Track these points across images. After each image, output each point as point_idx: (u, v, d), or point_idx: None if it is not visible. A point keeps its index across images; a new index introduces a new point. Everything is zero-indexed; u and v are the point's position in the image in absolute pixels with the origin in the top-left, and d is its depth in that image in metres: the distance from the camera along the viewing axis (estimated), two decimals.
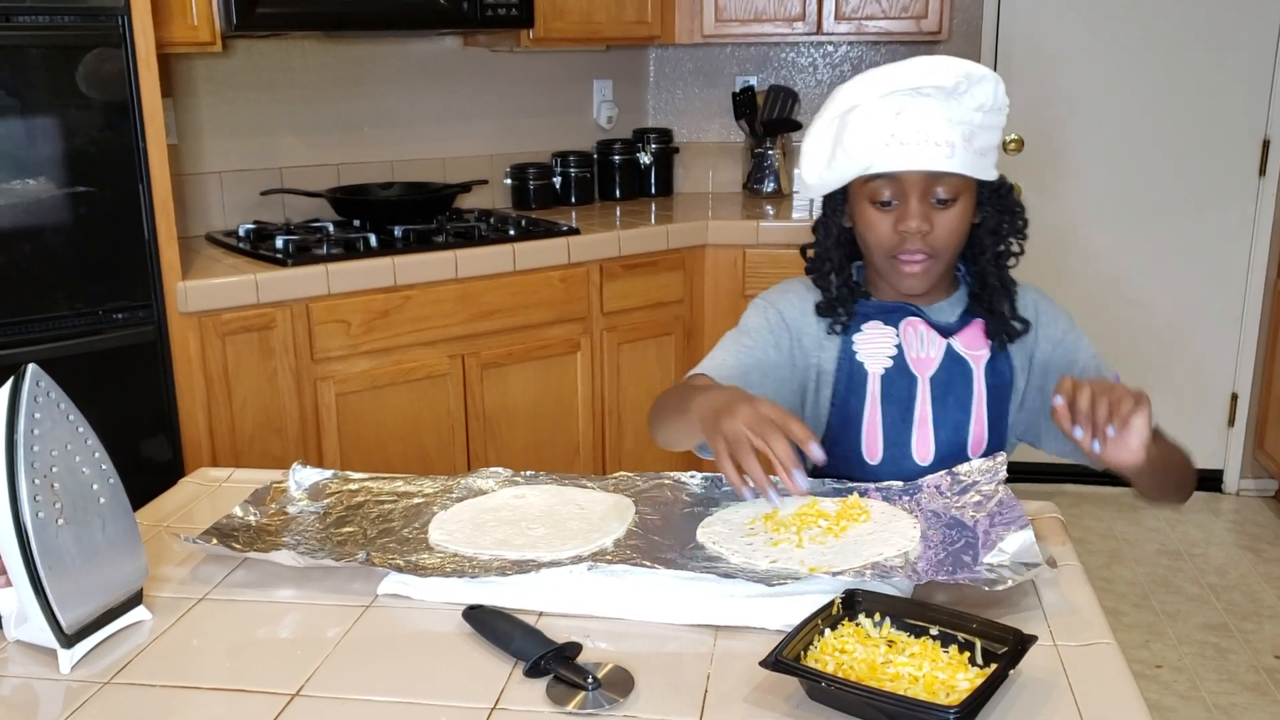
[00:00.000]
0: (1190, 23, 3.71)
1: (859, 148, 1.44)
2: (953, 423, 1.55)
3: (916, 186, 1.46)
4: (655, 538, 1.32)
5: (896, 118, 1.42)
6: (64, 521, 1.10)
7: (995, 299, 1.55)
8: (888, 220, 1.48)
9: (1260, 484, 3.98)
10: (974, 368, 1.56)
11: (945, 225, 1.48)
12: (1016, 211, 1.55)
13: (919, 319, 1.56)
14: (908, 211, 1.46)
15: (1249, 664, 2.88)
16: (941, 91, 1.41)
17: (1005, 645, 1.04)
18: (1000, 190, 1.54)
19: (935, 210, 1.47)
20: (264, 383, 2.63)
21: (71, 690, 1.08)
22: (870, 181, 1.48)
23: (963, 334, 1.57)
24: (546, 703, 1.03)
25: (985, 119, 1.44)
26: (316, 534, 1.37)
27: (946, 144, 1.42)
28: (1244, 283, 3.87)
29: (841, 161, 1.47)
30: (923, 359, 1.55)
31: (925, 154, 1.42)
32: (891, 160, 1.44)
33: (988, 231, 1.54)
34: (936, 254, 1.49)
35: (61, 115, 2.31)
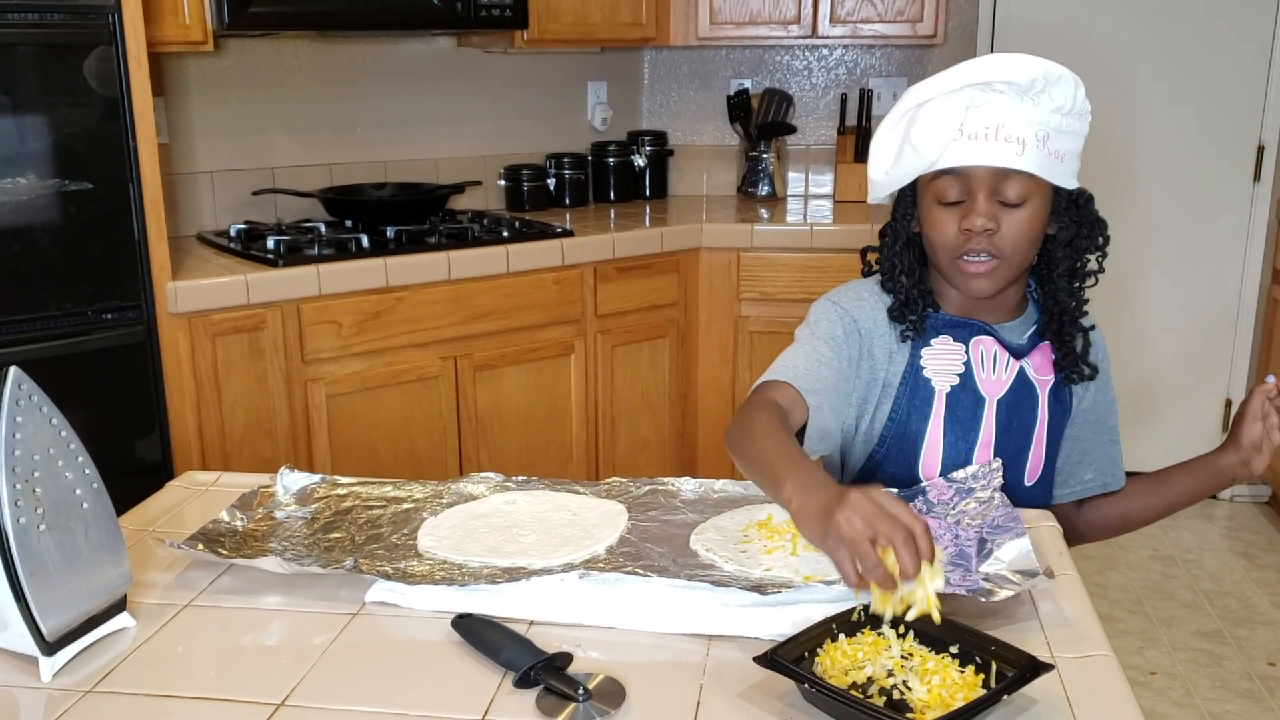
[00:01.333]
0: (1184, 29, 3.71)
1: (926, 143, 1.39)
2: (1014, 448, 1.51)
3: (984, 184, 1.40)
4: (648, 545, 1.31)
5: (966, 112, 1.37)
6: (46, 527, 1.08)
7: (1067, 325, 1.49)
8: (953, 218, 1.42)
9: (1254, 490, 3.97)
10: (1040, 394, 1.51)
11: (1013, 227, 1.41)
12: (1097, 226, 1.50)
13: (990, 337, 1.51)
14: (974, 209, 1.40)
15: (1243, 670, 2.88)
16: (1015, 89, 1.36)
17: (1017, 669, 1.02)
18: (1079, 201, 1.48)
19: (1003, 210, 1.41)
20: (254, 384, 2.61)
21: (53, 699, 1.06)
22: (937, 179, 1.42)
23: (1033, 356, 1.52)
24: (536, 714, 1.02)
25: (1063, 122, 1.39)
26: (304, 540, 1.35)
27: (1017, 141, 1.36)
28: (1238, 288, 3.86)
29: (909, 157, 1.42)
30: (992, 380, 1.50)
31: (993, 150, 1.37)
32: (958, 155, 1.38)
33: (1062, 244, 1.47)
34: (1003, 256, 1.43)
35: (51, 113, 2.29)
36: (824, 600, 1.17)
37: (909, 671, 1.05)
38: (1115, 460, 1.63)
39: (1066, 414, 1.55)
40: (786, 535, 1.31)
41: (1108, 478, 1.62)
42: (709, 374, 3.40)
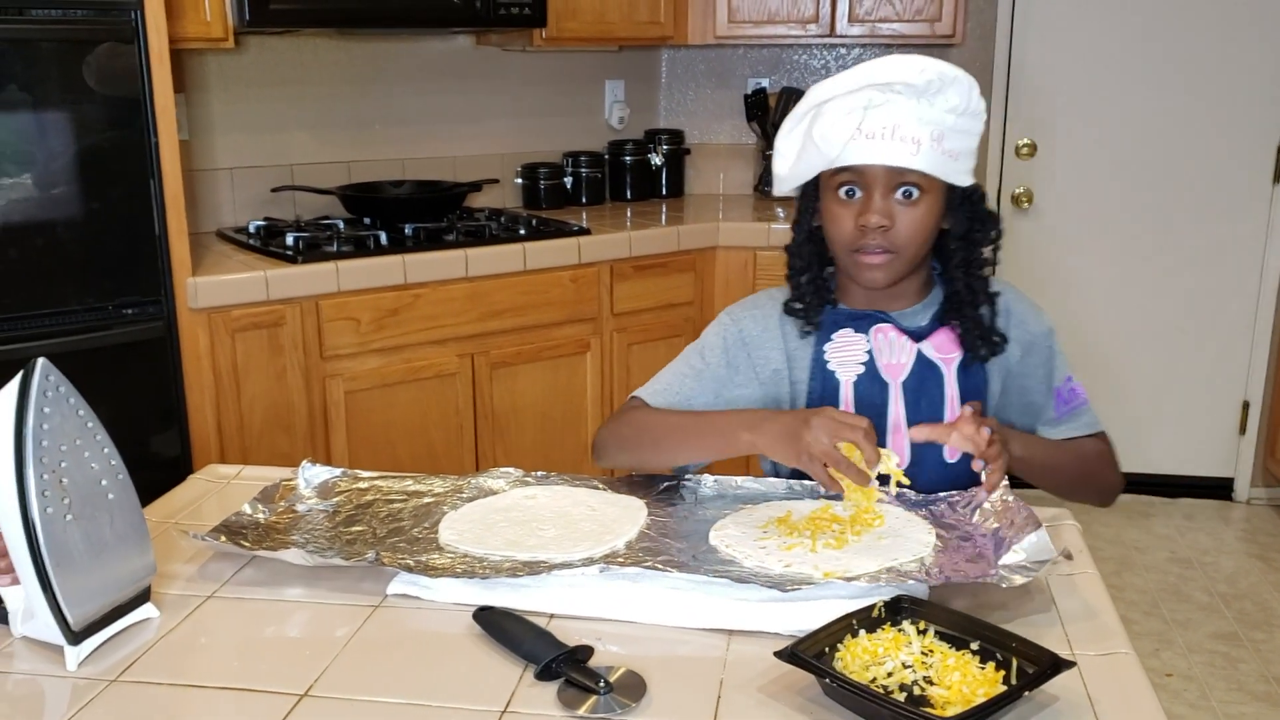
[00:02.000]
0: (1205, 30, 3.69)
1: (826, 140, 1.44)
2: None
3: (880, 181, 1.45)
4: (667, 540, 1.31)
5: (864, 112, 1.42)
6: (72, 517, 1.09)
7: (966, 307, 1.54)
8: (850, 214, 1.48)
9: (1271, 492, 3.96)
10: (945, 371, 1.55)
11: (908, 223, 1.47)
12: (988, 220, 1.54)
13: (889, 325, 1.55)
14: (870, 206, 1.46)
15: (1259, 673, 2.86)
16: (912, 90, 1.41)
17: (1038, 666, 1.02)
18: (972, 197, 1.52)
19: (898, 207, 1.46)
20: (273, 380, 2.62)
21: (78, 687, 1.07)
22: (836, 175, 1.48)
23: (933, 338, 1.56)
24: (558, 706, 1.02)
25: (958, 122, 1.44)
26: (325, 532, 1.36)
27: (913, 141, 1.42)
28: (1257, 290, 3.84)
29: (810, 155, 1.48)
30: (894, 365, 1.55)
31: (890, 149, 1.43)
32: (856, 153, 1.44)
33: (955, 237, 1.53)
34: (897, 250, 1.48)
35: (73, 110, 2.31)
36: (844, 596, 1.17)
37: (929, 667, 1.05)
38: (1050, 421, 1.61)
39: (982, 387, 1.56)
40: (806, 532, 1.31)
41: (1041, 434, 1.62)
42: None
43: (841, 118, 1.42)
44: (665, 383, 1.58)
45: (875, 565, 1.22)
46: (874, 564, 1.23)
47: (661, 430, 1.52)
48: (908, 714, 0.96)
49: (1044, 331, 1.61)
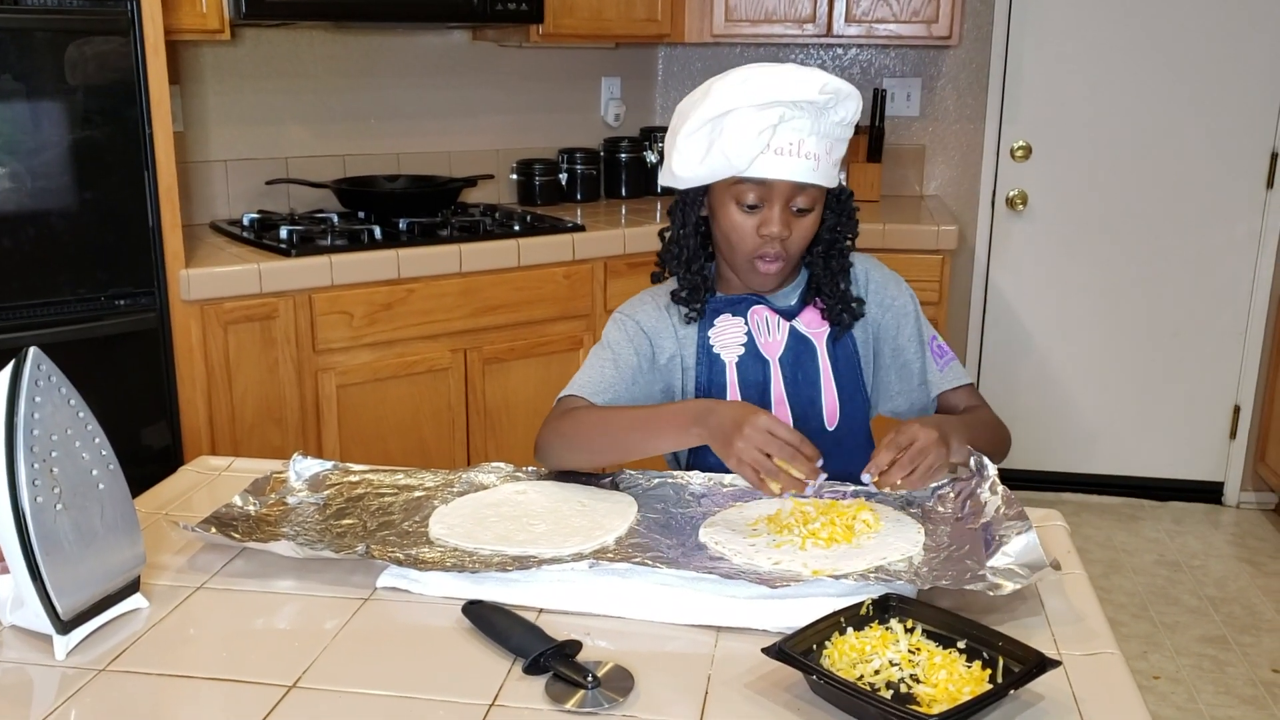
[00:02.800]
0: (1200, 34, 3.70)
1: (735, 151, 1.50)
2: (806, 398, 1.65)
3: (783, 194, 1.54)
4: (657, 537, 1.31)
5: (774, 129, 1.49)
6: (62, 506, 1.09)
7: (826, 285, 1.65)
8: (751, 222, 1.56)
9: (1261, 497, 3.97)
10: (817, 345, 1.65)
11: (801, 231, 1.58)
12: (852, 216, 1.66)
13: (763, 306, 1.66)
14: (771, 218, 1.55)
15: (1246, 677, 2.88)
16: (814, 106, 1.50)
17: (1024, 665, 1.03)
18: (841, 197, 1.64)
19: (794, 217, 1.56)
20: (265, 372, 2.62)
21: (66, 677, 1.08)
22: (739, 184, 1.55)
23: (803, 315, 1.67)
24: (545, 700, 1.02)
25: (842, 133, 1.55)
26: (316, 525, 1.36)
27: (814, 157, 1.52)
28: (1249, 295, 3.86)
29: (716, 161, 1.52)
30: (770, 343, 1.65)
31: (796, 165, 1.51)
32: (764, 168, 1.51)
33: (826, 231, 1.63)
34: (790, 257, 1.59)
35: (68, 100, 2.30)
36: (832, 594, 1.18)
37: (916, 665, 1.05)
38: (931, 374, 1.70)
39: (853, 356, 1.67)
40: (795, 530, 1.32)
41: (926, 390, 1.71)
42: None
43: (752, 133, 1.49)
44: (588, 378, 1.61)
45: (864, 564, 1.23)
46: (863, 563, 1.23)
47: (614, 425, 1.53)
48: (894, 711, 0.96)
49: (906, 297, 1.71)
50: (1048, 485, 4.05)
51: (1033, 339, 3.98)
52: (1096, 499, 4.01)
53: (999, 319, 4.00)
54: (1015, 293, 3.97)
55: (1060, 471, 4.07)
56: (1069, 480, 4.08)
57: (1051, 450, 4.05)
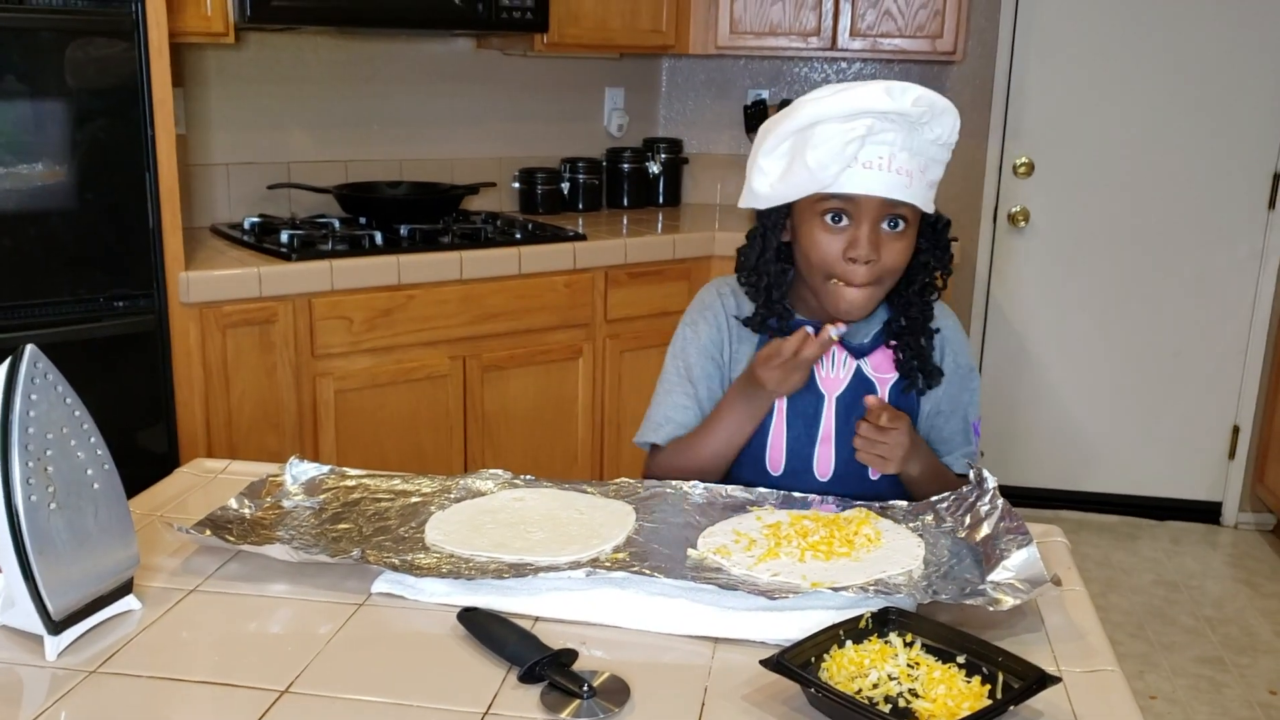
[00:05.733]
0: (1204, 55, 3.71)
1: (821, 165, 1.41)
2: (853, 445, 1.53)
3: (872, 212, 1.44)
4: (655, 546, 1.30)
5: (862, 141, 1.40)
6: (56, 506, 1.08)
7: (908, 334, 1.55)
8: (838, 242, 1.46)
9: (1259, 518, 3.96)
10: (880, 391, 1.56)
11: (892, 254, 1.47)
12: (947, 247, 1.56)
13: None
14: (860, 236, 1.45)
15: (1243, 699, 2.86)
16: (906, 120, 1.40)
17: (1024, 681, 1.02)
18: (937, 225, 1.54)
19: (885, 238, 1.46)
20: (263, 377, 2.61)
21: (57, 678, 1.06)
22: (825, 200, 1.46)
23: (873, 356, 1.58)
24: (540, 709, 1.01)
25: (938, 153, 1.45)
26: (311, 529, 1.35)
27: (906, 173, 1.42)
28: (1250, 315, 3.86)
29: (800, 176, 1.44)
30: (831, 379, 1.57)
31: (886, 180, 1.42)
32: (851, 182, 1.42)
33: (920, 264, 1.54)
34: (880, 282, 1.49)
35: (70, 101, 2.30)
36: (831, 607, 1.17)
37: (915, 680, 1.04)
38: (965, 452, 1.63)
39: (914, 410, 1.58)
40: (794, 541, 1.31)
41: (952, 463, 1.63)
42: None
43: (839, 145, 1.40)
44: (665, 415, 1.64)
45: (863, 577, 1.22)
46: (862, 576, 1.22)
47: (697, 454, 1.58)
48: None
49: (969, 365, 1.64)
50: (1046, 503, 4.04)
51: (1033, 355, 3.98)
52: (1094, 517, 4.00)
53: (999, 335, 3.99)
54: (1016, 309, 3.96)
55: (1058, 489, 4.06)
56: (1067, 498, 4.07)
57: (1050, 467, 4.05)
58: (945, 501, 1.42)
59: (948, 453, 1.62)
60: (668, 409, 1.63)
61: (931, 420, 1.62)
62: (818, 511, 1.41)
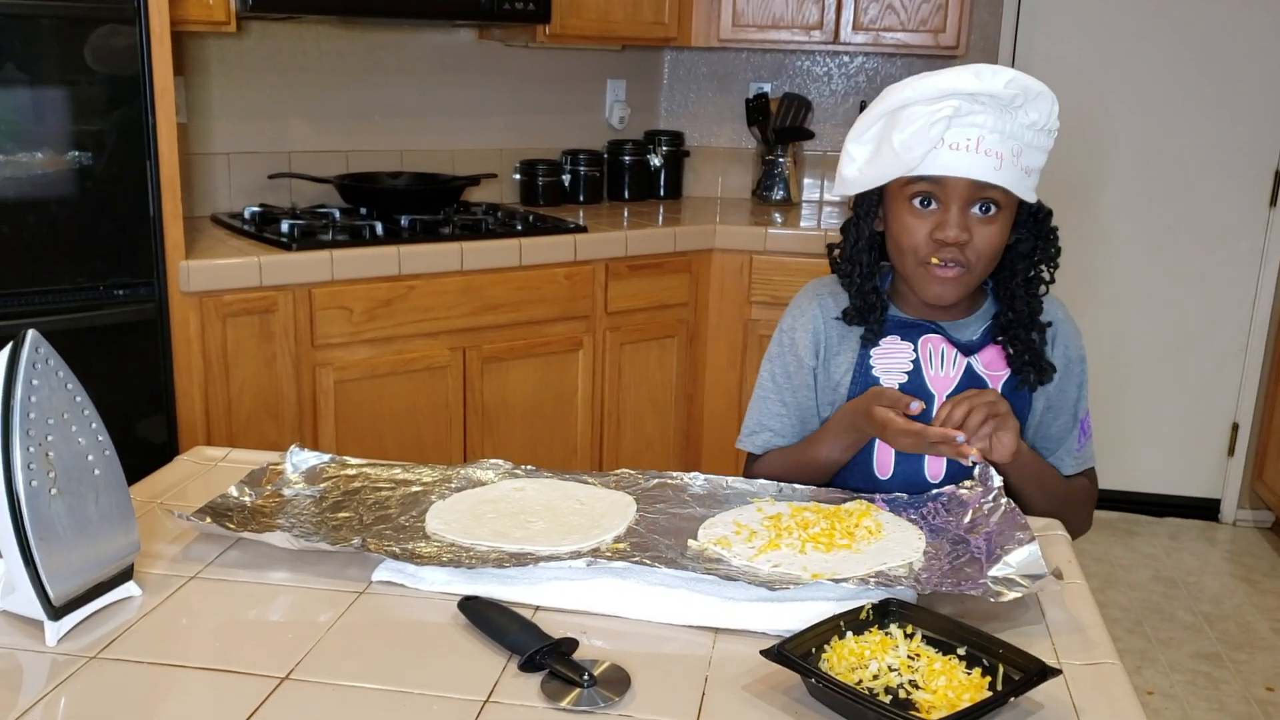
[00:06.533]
0: (1206, 52, 3.70)
1: (908, 147, 1.39)
2: None
3: (960, 194, 1.42)
4: (656, 537, 1.30)
5: (949, 122, 1.38)
6: (57, 492, 1.08)
7: (1018, 328, 1.52)
8: (925, 225, 1.45)
9: (1258, 515, 3.96)
10: (992, 389, 1.51)
11: (984, 238, 1.44)
12: (1051, 239, 1.53)
13: (939, 335, 1.54)
14: (948, 219, 1.43)
15: (1240, 694, 2.87)
16: (997, 102, 1.38)
17: (1025, 673, 1.02)
18: (1038, 215, 1.51)
19: (975, 222, 1.44)
20: (263, 366, 2.61)
21: (57, 663, 1.06)
22: (912, 183, 1.44)
23: (984, 353, 1.54)
24: (541, 698, 1.01)
25: (1035, 138, 1.42)
26: (312, 517, 1.35)
27: (996, 155, 1.39)
28: (1250, 312, 3.86)
29: (887, 159, 1.43)
30: (940, 378, 1.53)
31: (974, 162, 1.39)
32: (939, 164, 1.40)
33: (1021, 255, 1.51)
34: (970, 266, 1.46)
35: (71, 88, 2.29)
36: (832, 598, 1.17)
37: (915, 671, 1.04)
38: (1070, 448, 1.60)
39: (1025, 409, 1.54)
40: (795, 533, 1.31)
41: (1059, 462, 1.60)
42: (716, 376, 3.39)
43: (924, 126, 1.38)
44: (759, 422, 1.64)
45: (864, 569, 1.22)
46: (863, 567, 1.22)
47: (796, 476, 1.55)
48: (894, 715, 0.95)
49: (1080, 356, 1.60)
50: None
51: None
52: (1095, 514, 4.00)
53: None
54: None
55: None
56: None
57: None
58: (947, 496, 1.42)
59: (1052, 451, 1.58)
60: (762, 416, 1.63)
61: (1041, 418, 1.57)
62: (818, 504, 1.40)
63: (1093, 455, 1.62)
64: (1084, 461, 1.61)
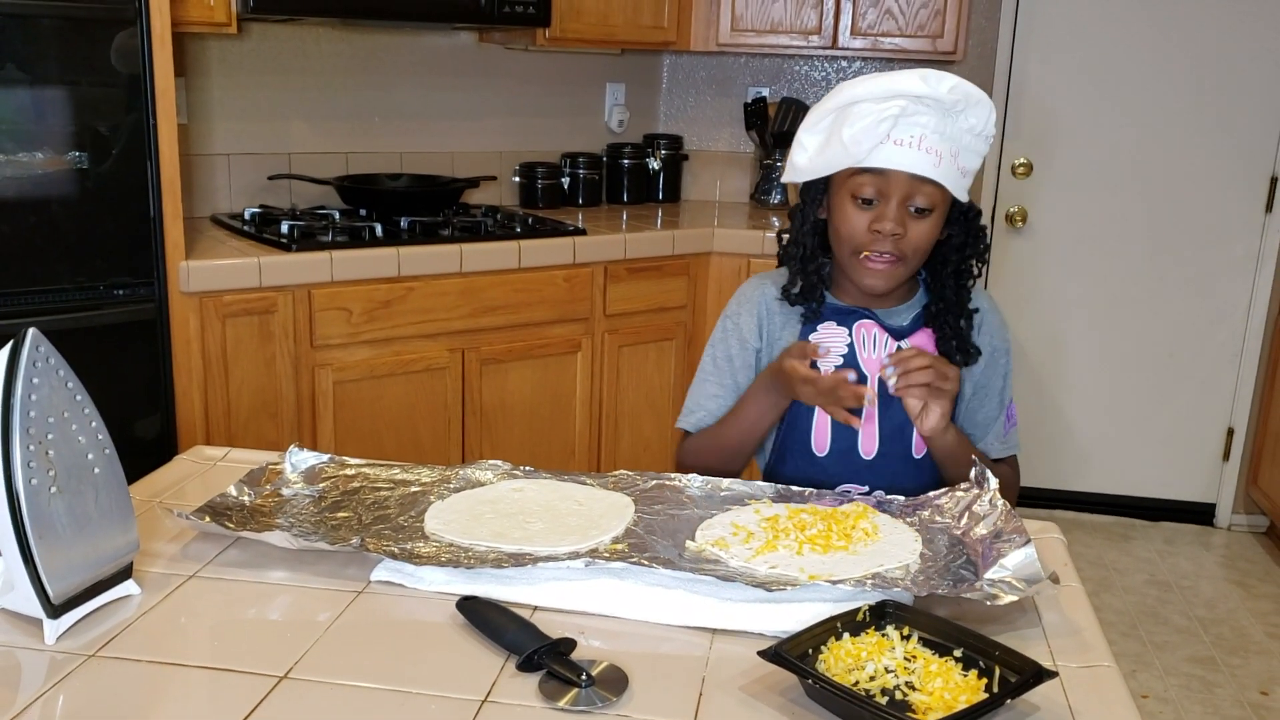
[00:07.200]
0: (1203, 58, 3.71)
1: (856, 142, 1.49)
2: (898, 421, 1.59)
3: (900, 188, 1.51)
4: (654, 537, 1.31)
5: (895, 120, 1.47)
6: (57, 490, 1.08)
7: (950, 314, 1.61)
8: (864, 217, 1.54)
9: (1252, 519, 3.97)
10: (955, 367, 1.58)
11: (918, 232, 1.53)
12: (980, 236, 1.62)
13: (872, 321, 1.62)
14: (886, 212, 1.52)
15: (1234, 699, 2.87)
16: (940, 105, 1.47)
17: (1021, 675, 1.02)
18: (969, 213, 1.60)
19: (911, 217, 1.53)
20: (262, 366, 2.62)
21: (55, 661, 1.07)
22: (856, 175, 1.53)
23: (914, 338, 1.63)
24: (539, 698, 1.02)
25: (972, 142, 1.52)
26: (311, 517, 1.35)
27: (935, 154, 1.49)
28: (1245, 317, 3.87)
29: (835, 151, 1.52)
30: (872, 360, 1.61)
31: (915, 158, 1.49)
32: (882, 158, 1.49)
33: (953, 248, 1.60)
34: (904, 258, 1.55)
35: (73, 89, 2.30)
36: (828, 599, 1.17)
37: (912, 673, 1.05)
38: (997, 433, 1.69)
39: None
40: (792, 535, 1.31)
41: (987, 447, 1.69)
42: None
43: (873, 123, 1.47)
44: (696, 402, 1.71)
45: (861, 570, 1.22)
46: (859, 569, 1.22)
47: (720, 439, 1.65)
48: (890, 717, 0.96)
49: (1005, 347, 1.69)
50: (1040, 502, 4.05)
51: (1028, 355, 3.99)
52: (1088, 517, 4.01)
53: None
54: (1012, 309, 3.96)
55: (1053, 489, 4.07)
56: (1061, 498, 4.08)
57: (1044, 467, 4.05)
58: (944, 498, 1.42)
59: (980, 437, 1.67)
60: (700, 397, 1.71)
61: (968, 403, 1.67)
62: (815, 506, 1.41)
63: (1018, 443, 1.72)
64: (1010, 447, 1.70)
